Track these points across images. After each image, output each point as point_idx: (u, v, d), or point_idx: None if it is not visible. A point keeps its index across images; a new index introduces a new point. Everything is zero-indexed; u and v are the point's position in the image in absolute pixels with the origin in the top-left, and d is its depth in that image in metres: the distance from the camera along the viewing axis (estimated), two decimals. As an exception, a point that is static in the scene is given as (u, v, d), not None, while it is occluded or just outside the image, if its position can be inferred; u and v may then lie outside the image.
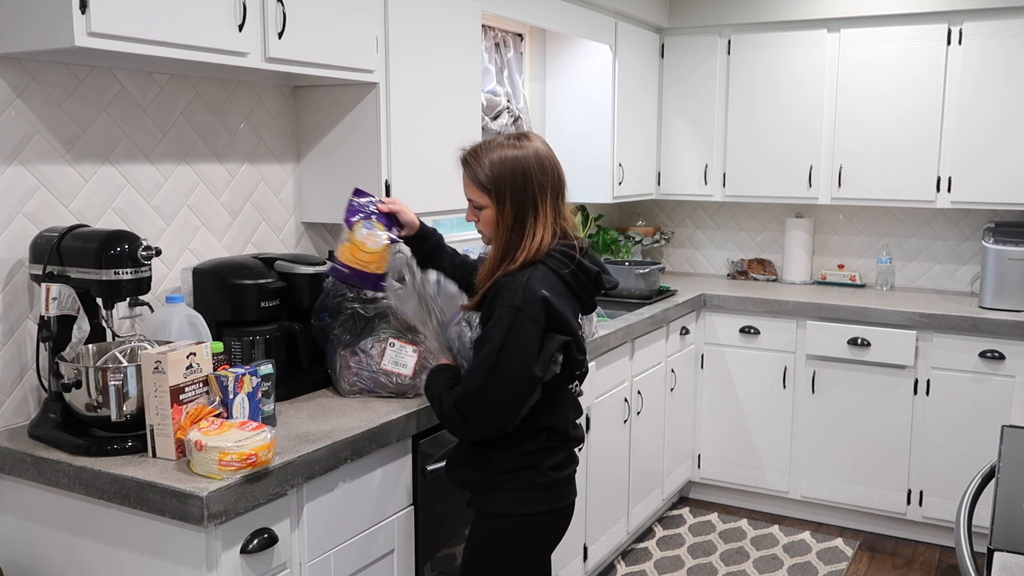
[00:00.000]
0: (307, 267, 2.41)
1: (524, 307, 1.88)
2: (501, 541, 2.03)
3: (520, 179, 1.97)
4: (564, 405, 2.05)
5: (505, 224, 1.98)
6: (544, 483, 2.01)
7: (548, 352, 1.91)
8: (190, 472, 1.76)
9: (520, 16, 3.35)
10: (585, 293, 2.05)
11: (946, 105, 3.94)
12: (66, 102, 2.15)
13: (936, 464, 3.81)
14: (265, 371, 2.02)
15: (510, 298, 1.90)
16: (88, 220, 2.20)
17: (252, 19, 2.13)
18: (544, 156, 2.01)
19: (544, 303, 1.90)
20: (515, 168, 1.97)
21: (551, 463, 2.02)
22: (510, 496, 2.01)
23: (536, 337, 1.89)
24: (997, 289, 3.78)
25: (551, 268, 1.96)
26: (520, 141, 2.02)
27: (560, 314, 1.92)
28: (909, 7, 3.94)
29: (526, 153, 1.98)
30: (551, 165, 2.01)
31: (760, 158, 4.35)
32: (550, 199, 1.99)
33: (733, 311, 4.17)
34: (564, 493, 2.07)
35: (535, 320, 1.89)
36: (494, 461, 2.01)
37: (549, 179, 1.99)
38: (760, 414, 4.17)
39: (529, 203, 1.97)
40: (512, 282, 1.92)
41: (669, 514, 4.22)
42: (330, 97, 2.70)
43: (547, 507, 2.02)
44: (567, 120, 4.20)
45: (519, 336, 1.88)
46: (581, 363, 2.05)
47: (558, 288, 1.96)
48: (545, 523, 2.04)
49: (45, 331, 1.98)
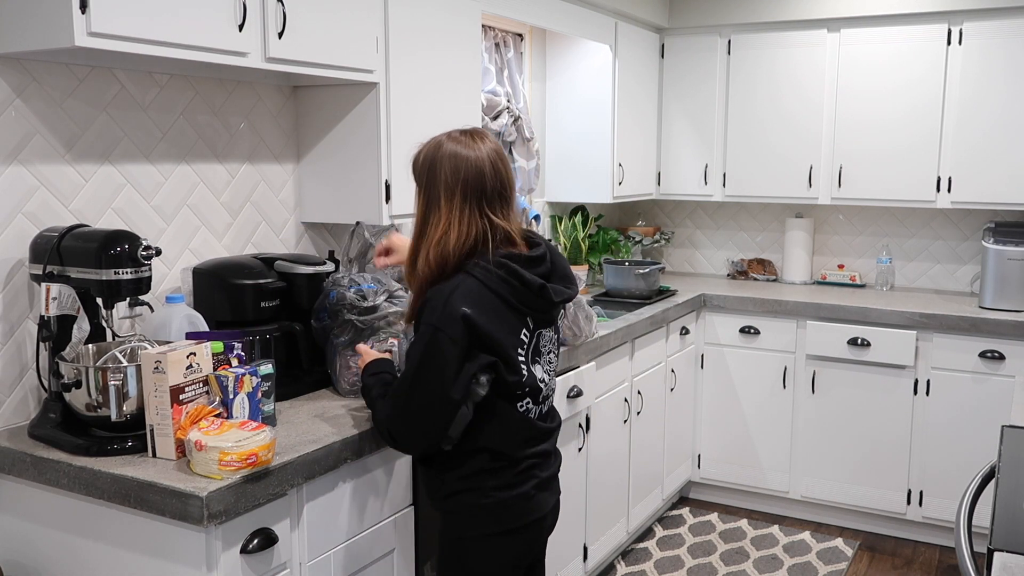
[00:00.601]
0: (307, 267, 2.41)
1: (442, 325, 1.79)
2: (462, 563, 1.97)
3: (431, 172, 1.89)
4: (506, 426, 1.91)
5: (416, 219, 1.94)
6: (489, 504, 1.91)
7: (467, 373, 1.81)
8: (190, 472, 1.76)
9: (520, 16, 3.35)
10: (530, 307, 1.90)
11: (946, 105, 3.94)
12: (66, 102, 2.15)
13: (936, 464, 3.81)
14: (265, 371, 2.02)
15: (430, 315, 1.82)
16: (88, 220, 2.20)
17: (252, 19, 2.13)
18: (464, 153, 1.87)
19: (465, 320, 1.79)
20: (431, 162, 1.89)
21: (495, 484, 1.92)
22: (457, 519, 1.96)
23: (454, 357, 1.79)
24: (997, 289, 3.78)
25: (480, 280, 1.84)
26: (452, 136, 1.91)
27: (484, 332, 1.81)
28: (909, 7, 3.94)
29: (446, 147, 1.89)
30: (470, 163, 1.86)
31: (760, 158, 4.35)
32: (461, 198, 1.85)
33: (733, 311, 4.17)
34: (520, 512, 1.95)
35: (453, 340, 1.78)
36: (440, 484, 1.96)
37: (460, 176, 1.85)
38: (760, 414, 4.17)
39: (433, 199, 1.88)
40: (435, 296, 1.83)
41: (669, 514, 4.22)
42: (330, 97, 2.70)
43: (502, 527, 1.94)
44: (567, 120, 4.20)
45: (434, 356, 1.79)
46: (517, 383, 1.90)
47: (488, 303, 1.83)
48: (506, 543, 1.96)
49: (45, 331, 1.98)
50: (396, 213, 2.70)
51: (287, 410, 2.23)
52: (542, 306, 1.93)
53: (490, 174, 1.88)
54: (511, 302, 1.87)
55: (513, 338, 1.89)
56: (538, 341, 1.97)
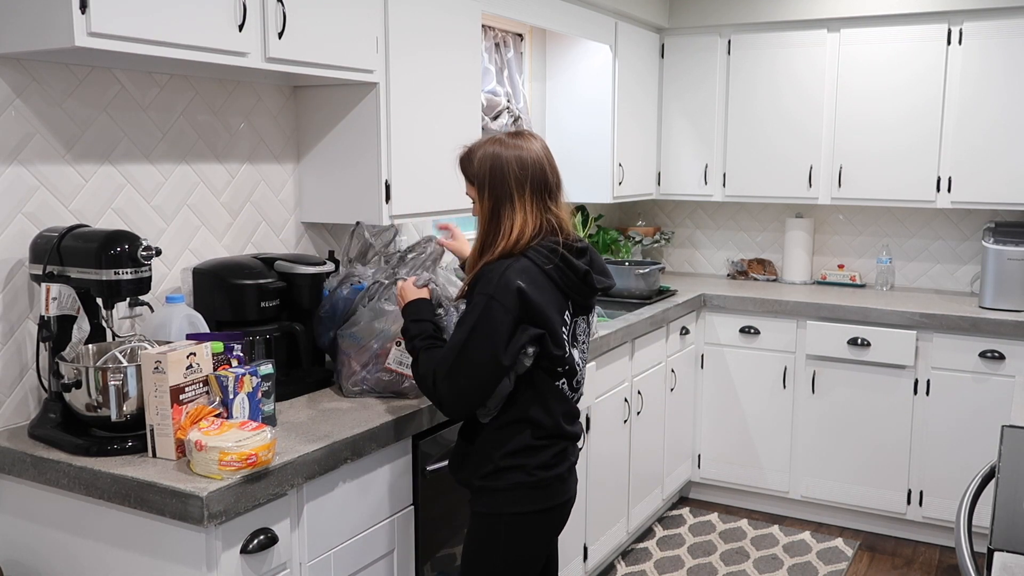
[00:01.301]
0: (307, 267, 2.41)
1: (497, 295, 1.91)
2: (494, 540, 2.04)
3: (498, 172, 2.01)
4: (548, 399, 2.03)
5: (484, 215, 2.03)
6: (531, 483, 2.01)
7: (517, 342, 1.92)
8: (190, 472, 1.77)
9: (520, 16, 3.35)
10: (574, 291, 2.04)
11: (946, 105, 3.94)
12: (66, 102, 2.15)
13: (936, 464, 3.81)
14: (265, 371, 2.02)
15: (485, 286, 1.94)
16: (88, 220, 2.20)
17: (252, 19, 2.13)
18: (528, 152, 2.03)
19: (519, 294, 1.91)
20: (494, 161, 2.01)
21: (537, 462, 2.01)
22: (498, 496, 2.01)
23: (506, 325, 1.91)
24: (997, 289, 3.78)
25: (533, 261, 1.97)
26: (509, 138, 2.05)
27: (535, 306, 1.93)
28: (909, 7, 3.94)
29: (508, 150, 2.02)
30: (534, 161, 2.03)
31: (760, 158, 4.35)
32: (530, 193, 2.01)
33: (733, 311, 4.17)
34: (556, 492, 2.05)
35: (508, 309, 1.91)
36: (482, 461, 2.02)
37: (529, 173, 2.01)
38: (760, 414, 4.17)
39: (505, 195, 2.00)
40: (491, 271, 1.96)
41: (669, 514, 4.22)
42: (330, 97, 2.70)
43: (537, 507, 2.02)
44: (567, 120, 4.20)
45: (488, 323, 1.91)
46: (560, 359, 2.01)
47: (539, 281, 1.96)
48: (537, 522, 2.04)
49: (45, 331, 1.98)
50: (396, 213, 2.70)
51: (287, 410, 2.23)
52: (584, 292, 2.06)
53: (548, 168, 2.07)
54: (559, 284, 2.01)
55: (559, 316, 2.01)
56: (575, 328, 2.10)
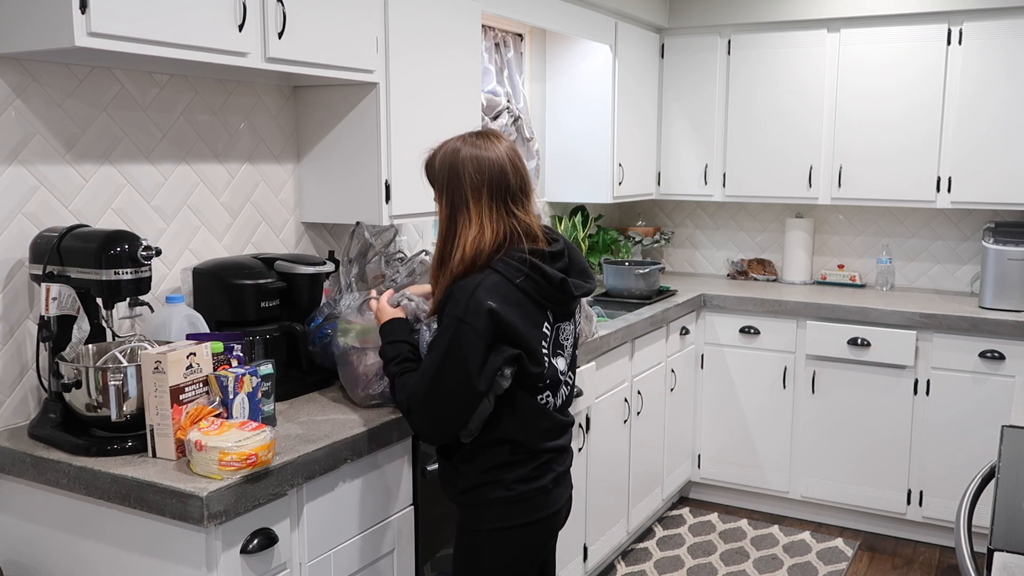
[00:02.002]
0: (307, 267, 2.41)
1: (467, 318, 1.81)
2: (476, 556, 1.99)
3: (454, 175, 1.91)
4: (527, 417, 1.95)
5: (441, 222, 1.94)
6: (510, 497, 1.94)
7: (492, 366, 1.84)
8: (190, 472, 1.77)
9: (520, 16, 3.35)
10: (551, 301, 1.94)
11: (946, 105, 3.94)
12: (66, 102, 2.15)
13: (936, 464, 3.81)
14: (265, 371, 2.02)
15: (455, 308, 1.84)
16: (88, 220, 2.20)
17: (252, 19, 2.13)
18: (487, 153, 1.91)
19: (491, 315, 1.81)
20: (451, 165, 1.91)
21: (515, 476, 1.94)
22: (477, 511, 1.97)
23: (479, 350, 1.82)
24: (997, 289, 3.78)
25: (503, 275, 1.87)
26: (469, 138, 1.95)
27: (509, 325, 1.84)
28: (909, 7, 3.94)
29: (467, 150, 1.91)
30: (493, 163, 1.90)
31: (760, 158, 4.35)
32: (487, 198, 1.89)
33: (733, 311, 4.17)
34: (538, 505, 1.97)
35: (479, 332, 1.81)
36: (460, 476, 1.97)
37: (486, 177, 1.89)
38: (760, 414, 4.17)
39: (460, 202, 1.90)
40: (459, 290, 1.85)
41: (669, 514, 4.22)
42: (330, 97, 2.70)
43: (517, 521, 1.95)
44: (567, 120, 4.20)
45: (460, 348, 1.81)
46: (540, 375, 1.93)
47: (511, 297, 1.86)
48: (520, 536, 1.97)
49: (45, 331, 1.98)
50: (396, 213, 2.70)
51: (287, 410, 2.23)
52: (562, 300, 1.97)
53: (511, 172, 1.93)
54: (533, 296, 1.91)
55: (536, 331, 1.92)
56: (557, 335, 2.01)
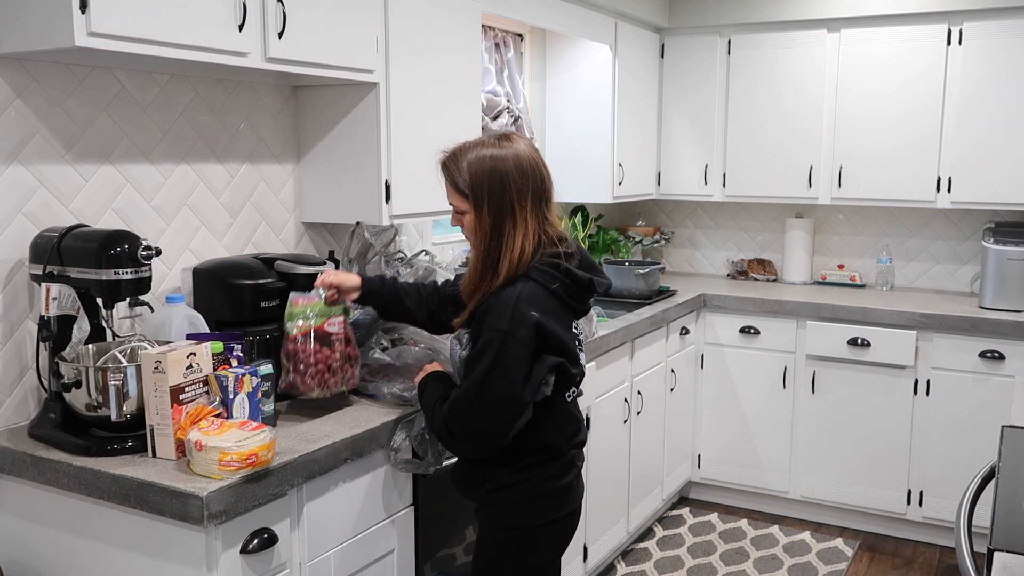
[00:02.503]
0: (307, 267, 2.41)
1: (512, 330, 1.81)
2: (504, 554, 2.01)
3: (498, 183, 1.88)
4: (559, 420, 1.99)
5: (483, 231, 1.91)
6: (540, 495, 1.97)
7: (538, 376, 1.85)
8: (190, 472, 1.76)
9: (520, 16, 3.35)
10: (577, 301, 1.98)
11: (946, 105, 3.94)
12: (66, 102, 2.15)
13: (936, 464, 3.81)
14: (265, 371, 2.02)
15: (498, 320, 1.83)
16: (88, 220, 2.20)
17: (252, 19, 2.13)
18: (525, 158, 1.91)
19: (537, 328, 1.83)
20: (492, 171, 1.88)
21: (545, 475, 1.97)
22: (507, 511, 1.99)
23: (525, 361, 1.83)
24: (997, 289, 3.78)
25: (540, 283, 1.88)
26: (500, 142, 1.93)
27: (553, 335, 1.86)
28: (909, 7, 3.94)
29: (504, 155, 1.89)
30: (532, 168, 1.91)
31: (760, 158, 4.35)
32: (531, 205, 1.90)
33: (733, 311, 4.17)
34: (564, 502, 2.02)
35: (524, 344, 1.82)
36: (489, 478, 1.99)
37: (529, 183, 1.89)
38: (760, 414, 4.17)
39: (507, 210, 1.89)
40: (499, 302, 1.85)
41: (669, 514, 4.22)
42: (330, 97, 2.70)
43: (546, 519, 1.99)
44: (567, 120, 4.20)
45: (507, 360, 1.81)
46: (576, 374, 1.98)
47: (548, 305, 1.88)
48: (547, 533, 2.01)
49: (45, 331, 1.98)
50: (396, 213, 2.70)
51: (287, 410, 2.23)
52: (585, 299, 2.01)
53: (547, 176, 1.96)
54: (565, 300, 1.94)
55: (570, 334, 1.97)
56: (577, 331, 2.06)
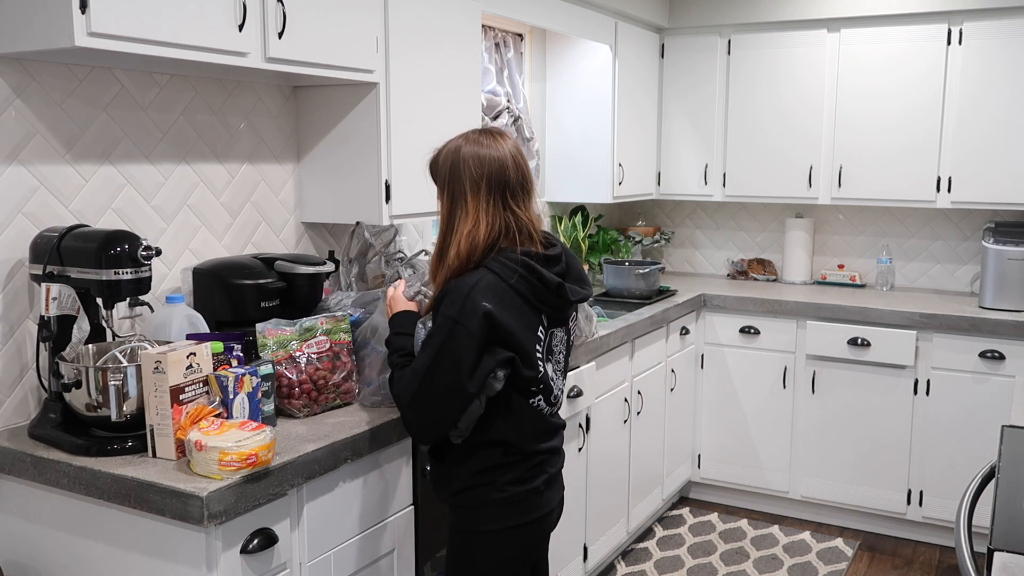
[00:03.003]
0: (307, 267, 2.41)
1: (461, 319, 1.80)
2: (468, 557, 1.98)
3: (455, 171, 1.92)
4: (520, 419, 1.94)
5: (442, 217, 1.96)
6: (502, 499, 1.93)
7: (485, 368, 1.83)
8: (190, 472, 1.76)
9: (520, 16, 3.35)
10: (547, 305, 1.93)
11: (946, 105, 3.94)
12: (66, 102, 2.15)
13: (936, 464, 3.81)
14: (265, 371, 2.02)
15: (449, 308, 1.83)
16: (88, 220, 2.20)
17: (252, 19, 2.13)
18: (489, 150, 1.92)
19: (487, 318, 1.81)
20: (454, 161, 1.92)
21: (508, 478, 1.93)
22: (471, 513, 1.96)
23: (471, 352, 1.81)
24: (997, 289, 3.78)
25: (499, 275, 1.86)
26: (473, 135, 1.96)
27: (505, 328, 1.83)
28: (909, 7, 3.94)
29: (469, 147, 1.92)
30: (493, 159, 1.91)
31: (760, 158, 4.35)
32: (485, 191, 1.89)
33: (733, 311, 4.17)
34: (531, 506, 1.97)
35: (473, 334, 1.80)
36: (453, 478, 1.96)
37: (485, 171, 1.89)
38: (760, 414, 4.17)
39: (459, 196, 1.91)
40: (455, 289, 1.84)
41: (669, 514, 4.22)
42: (330, 97, 2.70)
43: (510, 523, 1.95)
44: (567, 120, 4.20)
45: (453, 349, 1.81)
46: (533, 379, 1.93)
47: (507, 299, 1.85)
48: (512, 538, 1.96)
49: (45, 331, 1.98)
50: (396, 213, 2.70)
51: (287, 410, 2.22)
52: (558, 304, 1.96)
53: (512, 167, 1.93)
54: (529, 299, 1.90)
55: (530, 334, 1.92)
56: (551, 340, 2.00)
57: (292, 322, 2.21)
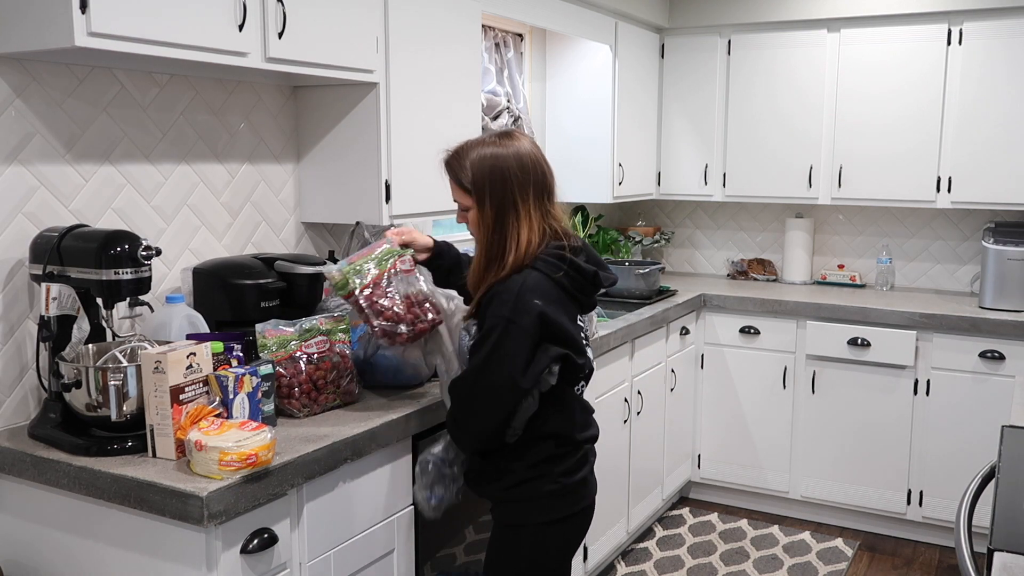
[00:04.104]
0: (307, 267, 2.41)
1: (515, 318, 1.84)
2: (520, 550, 2.01)
3: (499, 178, 1.92)
4: (570, 410, 2.01)
5: (487, 226, 1.94)
6: (556, 490, 1.98)
7: (539, 365, 1.87)
8: (190, 472, 1.76)
9: (520, 16, 3.35)
10: (583, 294, 2.00)
11: (946, 105, 3.94)
12: (66, 102, 2.15)
13: (936, 464, 3.81)
14: (265, 371, 2.02)
15: (501, 308, 1.85)
16: (88, 220, 2.20)
17: (252, 19, 2.13)
18: (526, 154, 1.95)
19: (540, 317, 1.85)
20: (493, 167, 1.92)
21: (561, 470, 1.98)
22: (524, 507, 1.99)
23: (526, 349, 1.84)
24: (997, 289, 3.78)
25: (544, 273, 1.90)
26: (501, 139, 1.97)
27: (556, 324, 1.88)
28: (909, 7, 3.94)
29: (506, 152, 1.94)
30: (533, 163, 1.95)
31: (760, 158, 4.35)
32: (533, 199, 1.94)
33: (733, 311, 4.17)
34: (579, 497, 2.03)
35: (527, 331, 1.84)
36: (504, 474, 1.99)
37: (530, 177, 1.93)
38: (760, 414, 4.17)
39: (509, 203, 1.92)
40: (504, 290, 1.87)
41: (669, 514, 4.22)
42: (330, 97, 2.70)
43: (562, 514, 2.00)
44: (567, 120, 4.20)
45: (507, 347, 1.84)
46: (583, 367, 1.99)
47: (552, 295, 1.90)
48: (562, 529, 2.02)
49: (45, 331, 1.98)
50: (396, 213, 2.70)
51: (287, 410, 2.22)
52: (591, 292, 2.03)
53: (548, 170, 1.99)
54: (570, 291, 1.95)
55: (575, 325, 1.98)
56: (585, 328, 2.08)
57: (292, 322, 2.21)
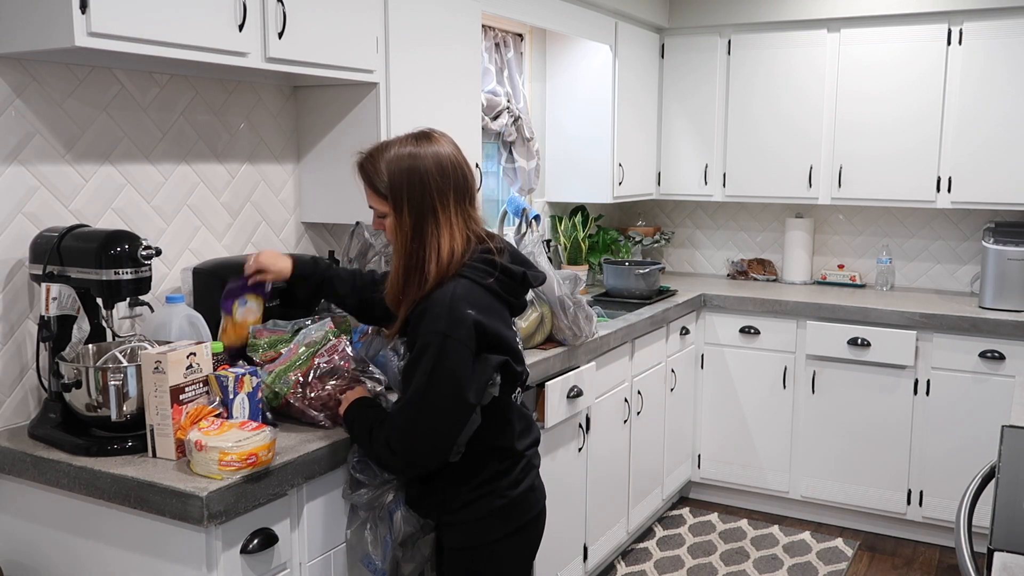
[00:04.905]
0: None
1: (451, 332, 1.73)
2: (478, 571, 1.95)
3: (417, 182, 1.80)
4: (509, 420, 1.93)
5: (404, 233, 1.82)
6: (504, 505, 1.91)
7: (484, 376, 1.78)
8: (190, 472, 1.76)
9: (520, 16, 3.35)
10: (514, 296, 1.92)
11: (946, 105, 3.94)
12: (66, 102, 2.15)
13: (936, 464, 3.81)
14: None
15: (434, 322, 1.74)
16: (88, 220, 2.20)
17: (252, 19, 2.13)
18: (445, 156, 1.84)
19: (476, 327, 1.75)
20: (411, 171, 1.81)
21: (506, 483, 1.91)
22: (471, 527, 1.92)
23: (467, 362, 1.75)
24: (997, 289, 3.78)
25: (473, 280, 1.81)
26: (419, 141, 1.86)
27: (493, 332, 1.79)
28: (909, 7, 3.94)
29: (424, 153, 1.82)
30: (453, 166, 1.83)
31: (760, 158, 4.35)
32: (454, 204, 1.82)
33: (733, 311, 4.17)
34: (528, 506, 1.97)
35: (465, 344, 1.74)
36: (449, 496, 1.91)
37: (451, 181, 1.81)
38: (760, 414, 4.17)
39: (428, 209, 1.80)
40: (435, 303, 1.77)
41: (669, 514, 4.22)
42: (330, 97, 2.70)
43: (512, 526, 1.94)
44: (567, 120, 4.20)
45: (447, 363, 1.73)
46: (521, 374, 1.91)
47: (484, 302, 1.81)
48: (516, 541, 1.96)
49: (45, 331, 1.98)
50: (396, 213, 2.70)
51: (287, 410, 2.22)
52: (521, 294, 1.95)
53: (468, 173, 1.88)
54: (501, 295, 1.88)
55: (510, 331, 1.91)
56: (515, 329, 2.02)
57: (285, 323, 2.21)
